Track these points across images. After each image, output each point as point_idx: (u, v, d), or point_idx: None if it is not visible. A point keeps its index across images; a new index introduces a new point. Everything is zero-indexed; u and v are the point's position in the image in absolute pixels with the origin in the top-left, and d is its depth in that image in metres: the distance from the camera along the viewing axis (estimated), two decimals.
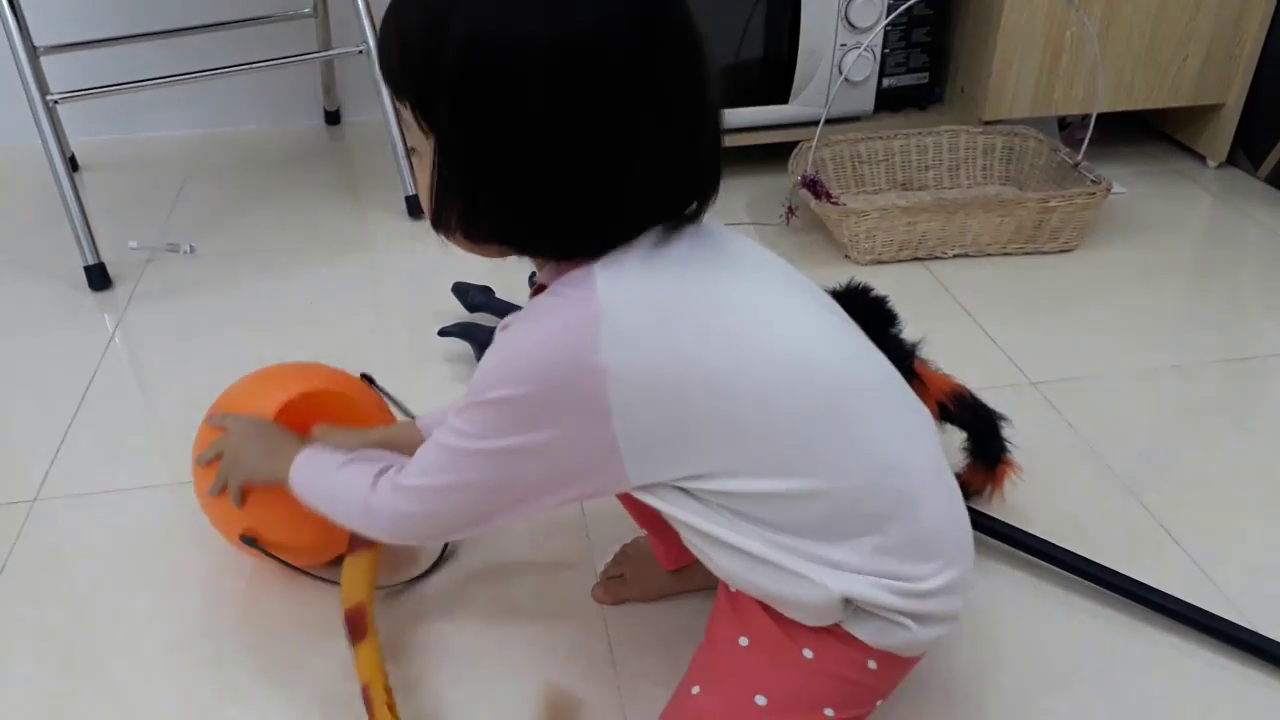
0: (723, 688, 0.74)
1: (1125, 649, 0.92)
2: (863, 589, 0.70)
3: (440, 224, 0.67)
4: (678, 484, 0.69)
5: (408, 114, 0.64)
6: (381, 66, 0.66)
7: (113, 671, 0.91)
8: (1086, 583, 0.97)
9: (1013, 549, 1.00)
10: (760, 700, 0.73)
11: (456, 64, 0.60)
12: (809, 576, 0.69)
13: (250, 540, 0.92)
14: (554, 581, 1.00)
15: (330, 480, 0.81)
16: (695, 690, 0.75)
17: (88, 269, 1.50)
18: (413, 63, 0.62)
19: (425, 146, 0.64)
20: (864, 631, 0.73)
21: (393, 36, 0.64)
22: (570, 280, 0.65)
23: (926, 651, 0.78)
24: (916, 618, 0.72)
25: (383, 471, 0.76)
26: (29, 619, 0.96)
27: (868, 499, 0.68)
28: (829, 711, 0.74)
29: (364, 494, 0.76)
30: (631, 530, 0.96)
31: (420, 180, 0.67)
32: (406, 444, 0.82)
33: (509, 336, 0.67)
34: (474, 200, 0.64)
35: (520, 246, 0.67)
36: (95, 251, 1.50)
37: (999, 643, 0.92)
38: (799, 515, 0.68)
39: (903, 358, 1.03)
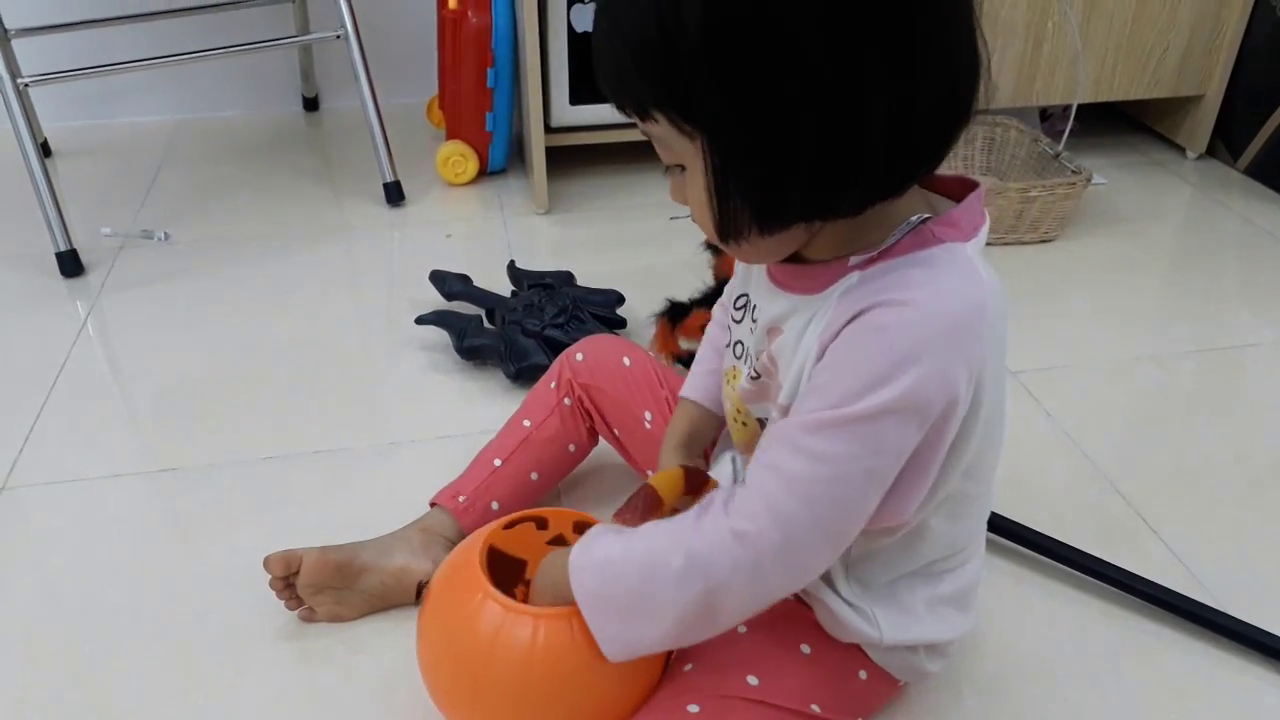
0: (715, 665, 0.74)
1: (1102, 634, 0.92)
2: (923, 636, 0.75)
3: (731, 233, 0.60)
4: None
5: (662, 126, 0.58)
6: (612, 87, 0.59)
7: (81, 662, 0.89)
8: (1065, 569, 0.97)
9: (992, 534, 1.00)
10: (751, 680, 0.73)
11: (709, 43, 0.53)
12: (880, 624, 0.73)
13: None
14: None
15: (628, 562, 0.66)
16: (688, 667, 0.75)
17: (59, 255, 1.48)
18: (654, 65, 0.56)
19: (692, 154, 0.59)
20: (870, 649, 0.76)
21: (618, 48, 0.57)
22: (939, 259, 0.61)
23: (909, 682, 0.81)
24: (930, 650, 0.77)
25: (679, 525, 0.65)
26: None
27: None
28: (815, 707, 0.75)
29: (690, 556, 0.63)
30: None
31: (693, 196, 0.61)
32: (705, 426, 0.85)
33: (891, 311, 0.59)
34: (773, 184, 0.57)
35: (829, 213, 0.60)
36: (67, 238, 1.48)
37: (978, 629, 0.91)
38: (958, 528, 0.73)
39: None
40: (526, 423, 1.00)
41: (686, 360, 1.21)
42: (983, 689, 0.86)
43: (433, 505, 0.97)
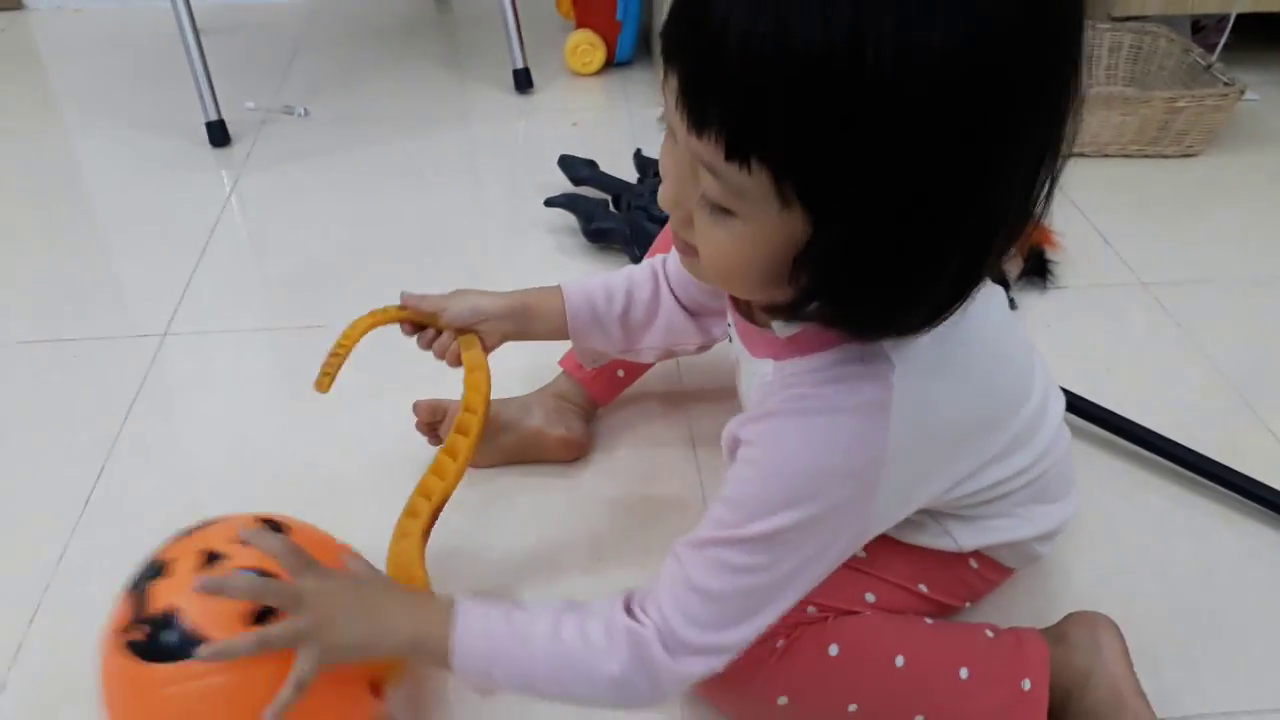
0: None
1: (1221, 538, 0.91)
2: (1005, 537, 0.74)
3: (753, 294, 0.57)
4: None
5: (750, 178, 0.48)
6: (715, 102, 0.47)
7: (231, 497, 0.97)
8: (1186, 473, 0.96)
9: (1115, 437, 1.00)
10: (860, 553, 0.74)
11: (901, 91, 0.44)
12: (954, 535, 0.73)
13: None
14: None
15: (544, 657, 0.61)
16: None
17: (209, 125, 1.55)
18: (815, 111, 0.44)
19: (765, 216, 0.49)
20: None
21: (769, 57, 0.44)
22: (855, 362, 0.57)
23: (1021, 568, 0.81)
24: (1039, 538, 0.76)
25: (609, 627, 0.61)
26: (160, 441, 1.03)
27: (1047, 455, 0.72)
28: (923, 587, 0.76)
29: (624, 671, 0.60)
30: None
31: (730, 246, 0.52)
32: (548, 307, 0.84)
33: (784, 445, 0.58)
34: (858, 294, 0.51)
35: (884, 332, 0.55)
36: (217, 109, 1.55)
37: (1091, 525, 0.92)
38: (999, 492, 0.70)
39: None
40: None
41: None
42: (1097, 579, 0.87)
43: (563, 369, 1.01)
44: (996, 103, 0.46)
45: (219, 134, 1.55)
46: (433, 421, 0.95)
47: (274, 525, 0.68)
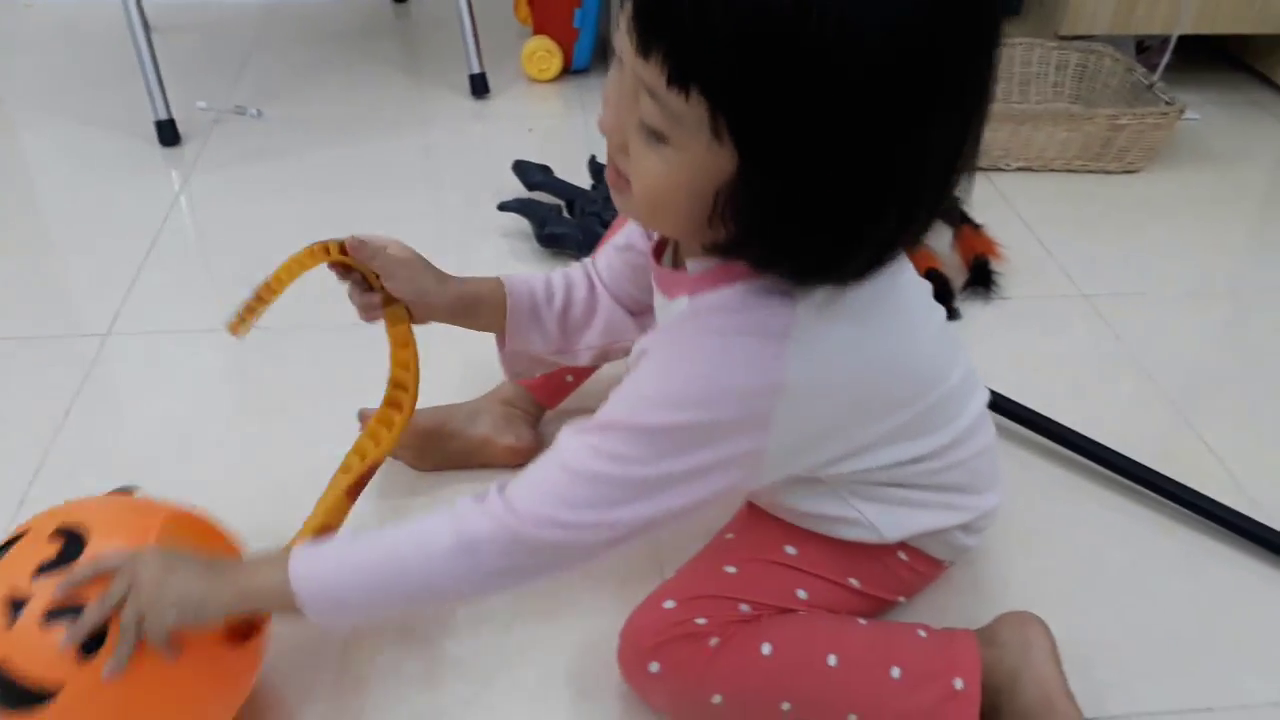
0: (755, 535, 0.77)
1: (1153, 544, 0.94)
2: (926, 525, 0.75)
3: (682, 229, 0.59)
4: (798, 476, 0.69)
5: (689, 106, 0.51)
6: (664, 30, 0.50)
7: (172, 498, 0.96)
8: (1120, 479, 0.99)
9: (1052, 443, 1.02)
10: (790, 550, 0.76)
11: (839, 60, 0.47)
12: (876, 526, 0.73)
13: None
14: None
15: (381, 552, 0.64)
16: (729, 536, 0.78)
17: (159, 124, 1.53)
18: (760, 49, 0.47)
19: (697, 145, 0.52)
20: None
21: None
22: (761, 294, 0.59)
23: (954, 562, 0.82)
24: (962, 527, 0.77)
25: (463, 512, 0.63)
26: (99, 440, 1.01)
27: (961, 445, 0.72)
28: (854, 581, 0.77)
29: (460, 535, 0.62)
30: None
31: (662, 175, 0.55)
32: (491, 300, 0.82)
33: (682, 353, 0.60)
34: (787, 231, 0.54)
35: (817, 277, 0.58)
36: (167, 107, 1.53)
37: (1026, 526, 0.94)
38: (906, 474, 0.71)
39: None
40: None
41: None
42: (1030, 581, 0.89)
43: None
44: (927, 88, 0.50)
45: (169, 133, 1.54)
46: None
47: (73, 535, 0.65)
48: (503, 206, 1.34)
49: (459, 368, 1.03)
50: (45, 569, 0.62)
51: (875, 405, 0.66)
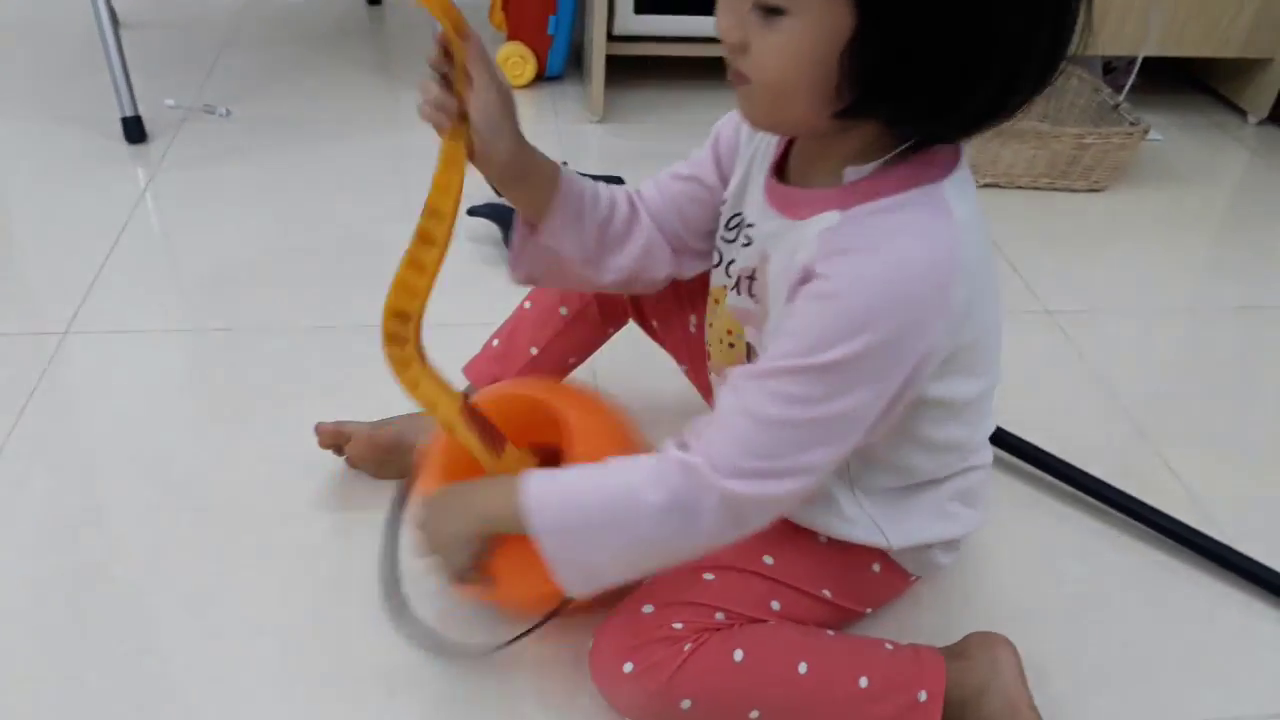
0: (734, 544, 0.77)
1: (1112, 560, 0.95)
2: (923, 539, 0.76)
3: (812, 104, 0.58)
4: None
5: None
6: None
7: (127, 500, 0.94)
8: (1082, 496, 1.00)
9: (1014, 458, 1.03)
10: (767, 559, 0.76)
11: None
12: (884, 532, 0.75)
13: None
14: None
15: (598, 493, 0.65)
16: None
17: (125, 120, 1.51)
18: None
19: (817, 6, 0.55)
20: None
21: None
22: (915, 202, 0.61)
23: (921, 577, 0.83)
24: (943, 545, 0.79)
25: (670, 471, 0.63)
26: (52, 444, 1.00)
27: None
28: (826, 592, 0.78)
29: (672, 495, 0.62)
30: None
31: (784, 47, 0.57)
32: (546, 175, 0.76)
33: (866, 270, 0.59)
34: (906, 77, 0.55)
35: (933, 126, 0.60)
36: (133, 104, 1.51)
37: (991, 542, 0.94)
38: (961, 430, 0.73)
39: None
40: (563, 310, 0.96)
41: None
42: (991, 595, 0.90)
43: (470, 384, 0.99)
44: None
45: (135, 130, 1.52)
46: (335, 445, 0.94)
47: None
48: (472, 211, 1.33)
49: (403, 398, 1.00)
50: None
51: (987, 294, 0.66)
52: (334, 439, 0.94)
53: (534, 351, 0.96)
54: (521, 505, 0.65)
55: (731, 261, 0.75)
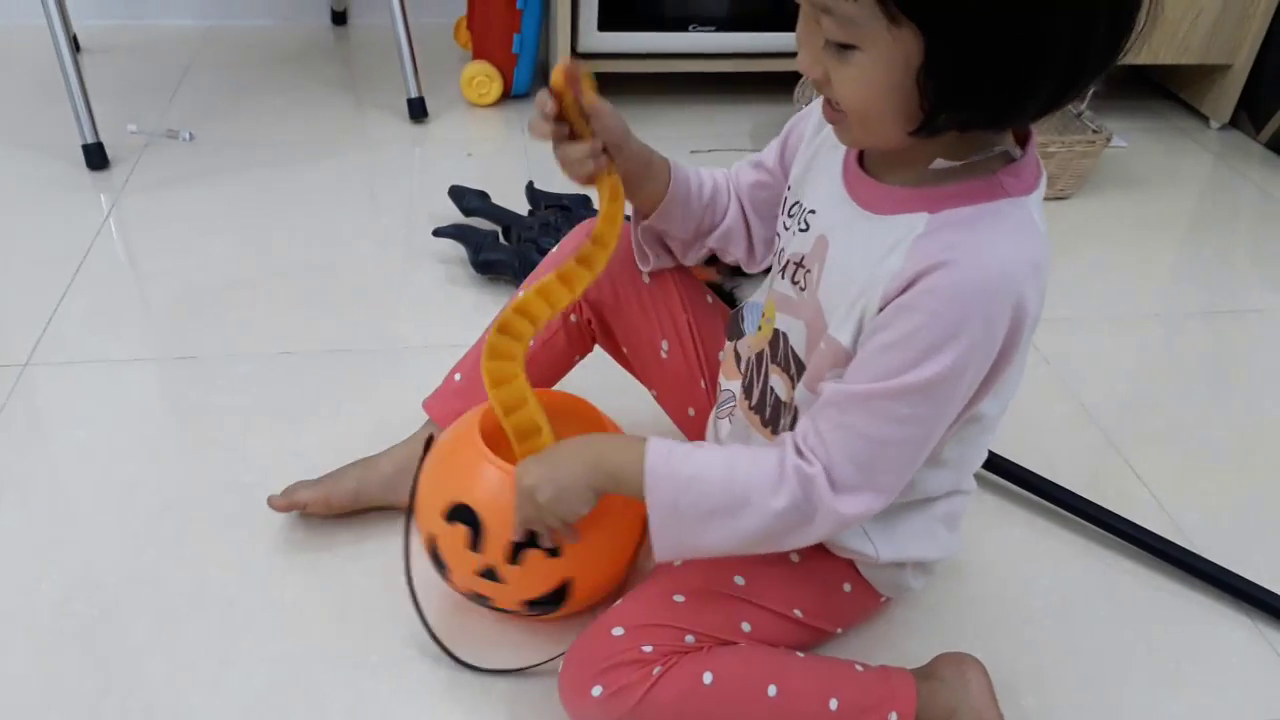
0: (705, 563, 0.77)
1: (1080, 569, 0.95)
2: (907, 554, 0.77)
3: (895, 127, 0.60)
4: None
5: (859, 5, 0.56)
6: None
7: (92, 532, 0.93)
8: (1050, 506, 1.00)
9: (983, 470, 1.03)
10: (738, 580, 0.76)
11: None
12: (874, 541, 0.75)
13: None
14: None
15: (720, 484, 0.67)
16: (677, 562, 0.78)
17: (85, 147, 1.50)
18: None
19: (883, 41, 0.56)
20: (861, 564, 0.79)
21: None
22: (1005, 213, 0.62)
23: (891, 598, 0.83)
24: (917, 567, 0.79)
25: (783, 469, 0.65)
26: (15, 477, 0.98)
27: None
28: (797, 612, 0.78)
29: (789, 499, 0.65)
30: None
31: (863, 80, 0.59)
32: (661, 168, 0.81)
33: (962, 274, 0.60)
34: (974, 88, 0.57)
35: (1009, 121, 0.62)
36: (94, 131, 1.50)
37: (961, 555, 0.94)
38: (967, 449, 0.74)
39: None
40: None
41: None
42: (960, 611, 0.90)
43: (429, 418, 0.96)
44: None
45: (96, 156, 1.50)
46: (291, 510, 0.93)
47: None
48: (438, 232, 1.33)
49: (370, 424, 1.01)
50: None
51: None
52: (287, 508, 0.92)
53: None
54: (646, 470, 0.67)
55: (782, 250, 0.75)
